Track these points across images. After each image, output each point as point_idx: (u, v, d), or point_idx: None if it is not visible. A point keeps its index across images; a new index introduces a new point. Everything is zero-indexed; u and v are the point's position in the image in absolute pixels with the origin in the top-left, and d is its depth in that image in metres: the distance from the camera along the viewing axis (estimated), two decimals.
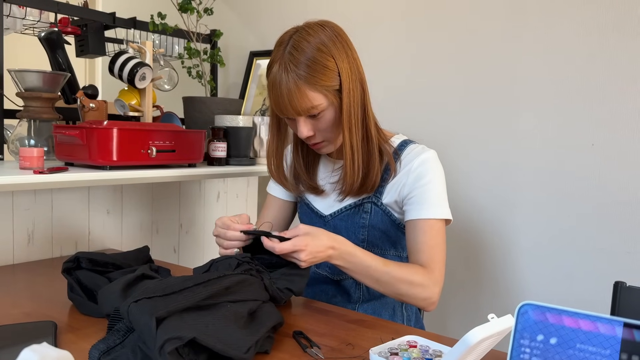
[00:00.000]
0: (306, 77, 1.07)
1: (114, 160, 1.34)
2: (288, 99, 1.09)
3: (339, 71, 1.10)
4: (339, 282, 1.27)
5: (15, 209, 1.41)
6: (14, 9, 1.60)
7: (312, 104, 1.09)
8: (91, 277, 1.06)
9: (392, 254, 1.26)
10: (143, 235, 1.74)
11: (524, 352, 0.50)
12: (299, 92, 1.08)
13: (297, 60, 1.08)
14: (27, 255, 1.44)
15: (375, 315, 1.25)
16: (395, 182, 1.19)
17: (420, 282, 1.10)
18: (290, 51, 1.09)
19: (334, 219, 1.26)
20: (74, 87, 1.66)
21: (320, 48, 1.09)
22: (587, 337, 0.48)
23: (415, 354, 0.86)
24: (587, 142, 1.47)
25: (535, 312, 0.51)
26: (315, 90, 1.08)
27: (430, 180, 1.17)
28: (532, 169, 1.55)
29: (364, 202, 1.22)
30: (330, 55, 1.09)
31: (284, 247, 1.02)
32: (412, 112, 1.77)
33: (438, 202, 1.16)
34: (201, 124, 1.80)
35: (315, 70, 1.08)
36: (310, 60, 1.08)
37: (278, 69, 1.10)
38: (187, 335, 0.75)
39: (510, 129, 1.59)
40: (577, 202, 1.48)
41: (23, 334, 0.87)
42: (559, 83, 1.50)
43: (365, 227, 1.22)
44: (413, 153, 1.20)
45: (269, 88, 1.13)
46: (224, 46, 2.26)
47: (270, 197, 1.39)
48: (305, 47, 1.08)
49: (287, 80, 1.08)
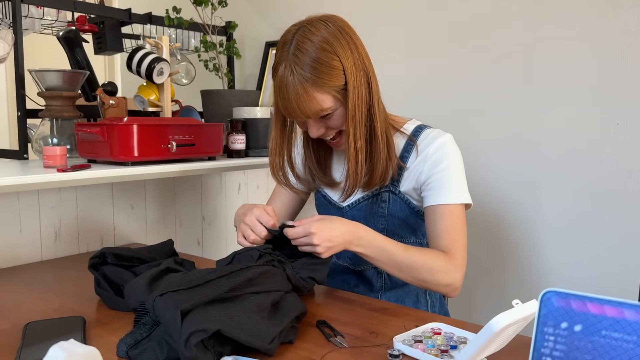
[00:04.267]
0: (313, 79, 1.05)
1: (135, 156, 1.35)
2: (296, 103, 1.06)
3: (344, 70, 1.07)
4: (360, 272, 1.27)
5: (42, 207, 1.44)
6: (31, 9, 1.62)
7: (321, 106, 1.08)
8: (117, 272, 1.08)
9: (413, 241, 1.25)
10: (167, 228, 1.76)
11: (547, 339, 0.50)
12: (307, 95, 1.06)
13: (302, 62, 1.05)
14: (54, 252, 1.47)
15: (398, 302, 1.25)
16: (413, 169, 1.18)
17: (442, 267, 1.09)
18: (295, 52, 1.06)
19: (351, 209, 1.25)
20: (94, 85, 1.68)
21: (324, 47, 1.06)
22: (612, 324, 0.47)
23: (439, 341, 0.85)
24: (611, 121, 1.43)
25: (559, 299, 0.50)
26: (324, 92, 1.07)
27: (448, 165, 1.15)
28: (554, 150, 1.52)
29: (382, 191, 1.21)
30: (335, 54, 1.06)
31: (296, 231, 1.03)
32: (430, 96, 1.75)
33: (457, 186, 1.15)
34: (220, 117, 1.81)
35: (321, 71, 1.05)
36: (315, 62, 1.05)
37: (284, 71, 1.07)
38: (212, 328, 0.76)
39: (531, 109, 1.56)
40: (603, 183, 1.45)
41: (53, 329, 0.89)
42: (579, 60, 1.47)
43: (385, 216, 1.21)
44: (429, 138, 1.18)
45: (275, 90, 1.11)
46: (239, 38, 2.26)
47: (278, 188, 1.38)
48: (309, 48, 1.05)
49: (294, 83, 1.05)
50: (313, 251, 1.04)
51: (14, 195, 1.38)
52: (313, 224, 1.03)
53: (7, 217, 1.37)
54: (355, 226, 1.08)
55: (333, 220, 1.06)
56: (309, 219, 1.06)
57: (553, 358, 0.49)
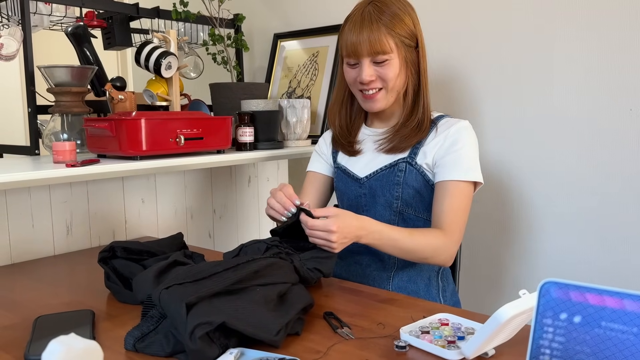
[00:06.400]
0: (387, 23, 1.20)
1: (144, 150, 1.36)
2: (367, 36, 1.19)
3: (416, 32, 1.25)
4: (371, 250, 1.29)
5: (53, 202, 1.45)
6: (40, 6, 1.63)
7: (387, 47, 1.20)
8: (126, 266, 1.09)
9: (426, 217, 1.29)
10: (178, 222, 1.77)
11: (546, 331, 0.49)
12: (379, 33, 1.19)
13: (380, 10, 1.21)
14: (66, 246, 1.48)
15: (410, 283, 1.29)
16: (432, 145, 1.26)
17: (442, 245, 1.19)
18: (375, 3, 1.22)
19: (369, 180, 1.31)
20: (103, 80, 1.69)
21: (401, 8, 1.23)
22: (612, 315, 0.46)
23: (446, 332, 0.85)
24: (624, 107, 1.41)
25: (558, 290, 0.49)
26: (391, 37, 1.21)
27: (464, 145, 1.24)
28: (566, 136, 1.50)
29: (399, 162, 1.28)
30: (410, 17, 1.24)
31: (316, 224, 1.06)
32: (441, 83, 1.73)
33: (469, 165, 1.23)
34: (228, 110, 1.81)
35: (395, 21, 1.21)
36: (393, 13, 1.21)
37: (360, 15, 1.22)
38: (217, 320, 0.76)
39: (544, 95, 1.53)
40: (615, 170, 1.43)
41: (62, 323, 0.90)
42: (592, 43, 1.44)
43: (400, 185, 1.27)
44: (449, 123, 1.29)
45: (345, 32, 1.24)
46: (247, 30, 2.25)
47: (311, 174, 1.45)
48: (389, 3, 1.22)
49: (370, 21, 1.20)
50: (328, 247, 1.07)
51: (26, 191, 1.40)
52: (334, 220, 1.06)
53: (19, 213, 1.39)
54: (365, 221, 1.13)
55: (345, 216, 1.10)
56: (324, 210, 1.09)
57: (552, 350, 0.49)
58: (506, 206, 1.63)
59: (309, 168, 1.47)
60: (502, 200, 1.63)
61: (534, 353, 0.51)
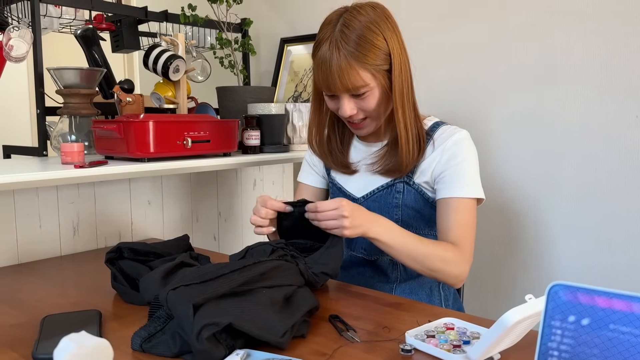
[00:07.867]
0: (356, 55, 1.09)
1: (151, 152, 1.37)
2: (338, 75, 1.10)
3: (389, 51, 1.12)
4: (375, 262, 1.28)
5: (60, 202, 1.46)
6: (50, 8, 1.65)
7: (362, 82, 1.11)
8: (133, 267, 1.09)
9: (427, 232, 1.26)
10: (184, 224, 1.78)
11: (554, 333, 0.49)
12: (350, 68, 1.09)
13: (347, 37, 1.09)
14: (73, 247, 1.49)
15: (412, 295, 1.26)
16: (429, 161, 1.20)
17: (453, 259, 1.12)
18: (341, 29, 1.10)
19: (366, 200, 1.26)
20: (111, 82, 1.70)
21: (371, 27, 1.10)
22: (620, 318, 0.46)
23: (452, 336, 0.85)
24: (630, 114, 1.41)
25: (566, 293, 0.49)
26: (365, 69, 1.10)
27: (463, 159, 1.18)
28: (572, 143, 1.50)
29: (396, 182, 1.23)
30: (381, 35, 1.11)
31: (327, 205, 1.04)
32: (445, 89, 1.74)
33: (470, 181, 1.17)
34: (235, 113, 1.82)
35: (365, 48, 1.09)
36: (361, 38, 1.09)
37: (328, 47, 1.11)
38: (223, 321, 0.76)
39: (548, 101, 1.54)
40: (621, 176, 1.43)
41: (69, 323, 0.90)
42: (598, 50, 1.44)
43: (399, 207, 1.23)
44: (446, 133, 1.21)
45: (316, 66, 1.14)
46: (254, 34, 2.26)
47: (302, 186, 1.40)
48: (356, 25, 1.10)
49: (338, 56, 1.09)
50: (340, 229, 1.04)
51: (33, 191, 1.41)
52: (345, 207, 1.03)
53: (26, 213, 1.40)
54: (376, 214, 1.11)
55: (357, 206, 1.08)
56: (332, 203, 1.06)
57: (560, 352, 0.49)
58: (512, 212, 1.63)
59: (300, 179, 1.41)
60: (507, 205, 1.63)
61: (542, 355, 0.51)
